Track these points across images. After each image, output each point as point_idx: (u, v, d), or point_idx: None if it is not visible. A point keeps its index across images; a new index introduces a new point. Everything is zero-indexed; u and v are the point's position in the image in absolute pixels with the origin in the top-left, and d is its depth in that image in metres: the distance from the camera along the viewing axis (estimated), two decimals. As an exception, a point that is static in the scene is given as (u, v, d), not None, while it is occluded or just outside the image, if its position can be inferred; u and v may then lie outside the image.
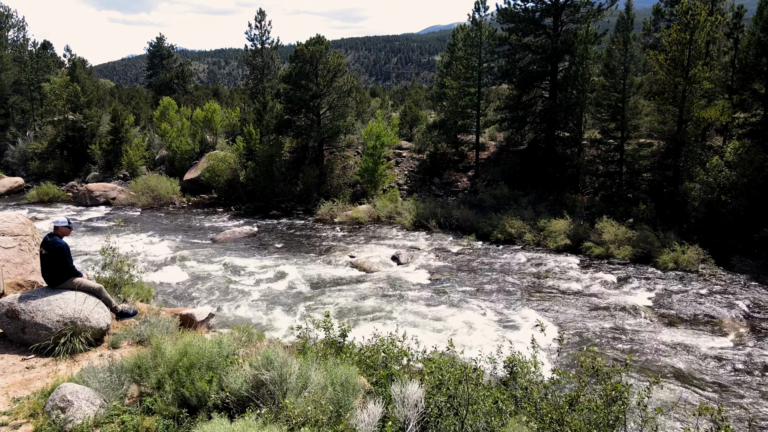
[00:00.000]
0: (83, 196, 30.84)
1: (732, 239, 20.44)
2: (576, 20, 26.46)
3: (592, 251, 20.40)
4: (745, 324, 14.50)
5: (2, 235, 7.68)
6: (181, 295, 16.20)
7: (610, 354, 12.90)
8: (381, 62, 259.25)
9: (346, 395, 3.56)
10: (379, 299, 16.08)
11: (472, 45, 28.57)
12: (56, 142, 38.03)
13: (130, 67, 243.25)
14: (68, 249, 5.76)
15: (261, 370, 3.66)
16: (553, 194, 25.56)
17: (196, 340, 4.23)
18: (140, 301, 9.03)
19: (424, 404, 3.90)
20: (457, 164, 30.86)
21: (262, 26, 41.15)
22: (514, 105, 28.42)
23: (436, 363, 4.33)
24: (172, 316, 9.08)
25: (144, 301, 9.23)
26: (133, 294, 9.12)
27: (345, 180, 30.43)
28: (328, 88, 30.13)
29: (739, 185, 20.13)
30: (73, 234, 21.77)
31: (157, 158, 36.44)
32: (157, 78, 58.56)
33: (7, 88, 42.29)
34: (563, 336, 13.76)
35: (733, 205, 20.26)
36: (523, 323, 14.55)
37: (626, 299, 16.40)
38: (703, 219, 21.07)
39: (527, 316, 15.06)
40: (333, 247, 22.27)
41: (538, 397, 5.08)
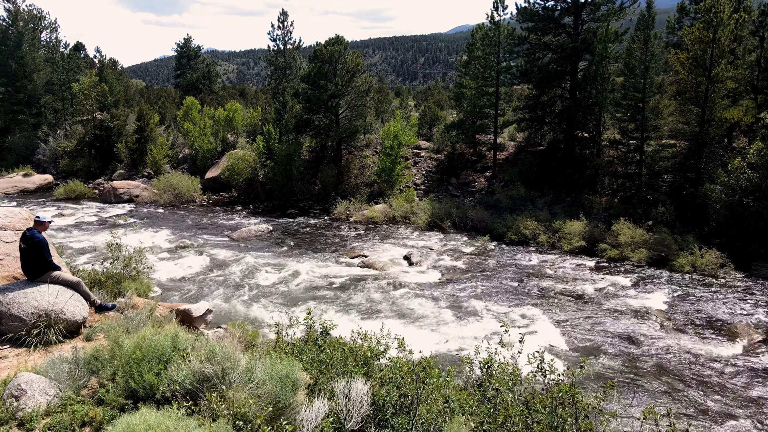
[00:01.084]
0: (108, 194, 31.63)
1: (754, 243, 19.83)
2: (597, 19, 26.01)
3: (607, 253, 20.05)
4: (761, 331, 14.07)
5: (4, 229, 7.94)
6: (187, 291, 16.49)
7: (616, 358, 12.68)
8: (408, 62, 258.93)
9: (284, 390, 3.60)
10: (384, 298, 16.11)
11: (491, 44, 28.34)
12: (85, 140, 39.07)
13: (162, 68, 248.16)
14: (46, 243, 5.96)
15: (205, 364, 3.74)
16: (571, 195, 25.19)
17: (149, 333, 4.34)
18: (138, 296, 9.23)
19: (370, 401, 3.93)
20: (475, 164, 30.67)
21: (284, 26, 41.56)
22: (533, 105, 28.10)
23: (395, 362, 4.34)
24: (170, 311, 9.27)
25: (142, 296, 9.44)
26: (132, 289, 9.34)
27: (363, 179, 30.52)
28: (346, 87, 30.26)
29: (762, 187, 19.52)
30: (91, 229, 22.41)
31: (180, 157, 37.13)
32: (184, 78, 59.68)
33: (40, 88, 43.60)
34: (569, 336, 13.65)
35: (755, 208, 19.66)
36: (528, 325, 14.40)
37: (638, 302, 16.09)
38: (724, 222, 20.49)
39: (533, 318, 14.90)
40: (346, 246, 22.38)
41: (509, 398, 5.04)
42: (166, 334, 4.47)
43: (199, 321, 9.70)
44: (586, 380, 11.63)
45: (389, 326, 13.93)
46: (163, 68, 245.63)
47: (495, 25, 28.33)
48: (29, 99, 43.22)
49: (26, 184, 34.98)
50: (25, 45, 43.06)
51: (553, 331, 14.15)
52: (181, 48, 60.50)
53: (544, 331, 14.14)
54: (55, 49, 46.32)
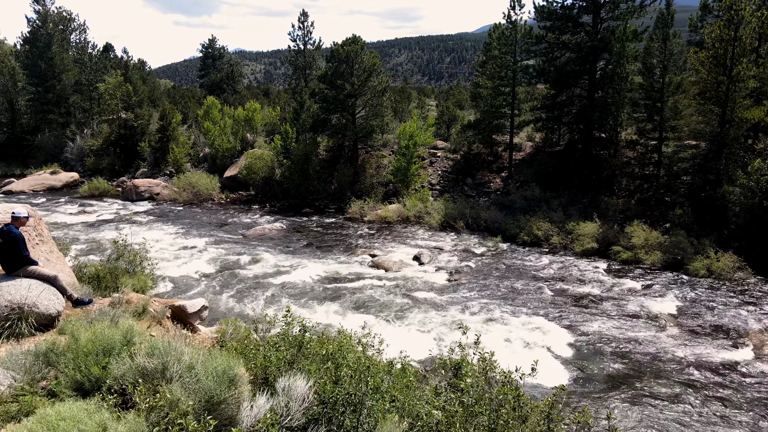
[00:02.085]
0: (130, 191, 32.34)
1: (775, 247, 19.25)
2: (616, 17, 25.55)
3: (619, 256, 19.71)
4: (774, 337, 13.67)
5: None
6: (193, 287, 16.75)
7: (622, 361, 12.47)
8: (434, 62, 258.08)
9: (219, 386, 3.66)
10: (389, 298, 16.13)
11: (507, 44, 28.08)
12: (110, 139, 40.03)
13: (190, 68, 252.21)
14: (23, 239, 6.16)
15: (146, 359, 3.83)
16: (588, 197, 24.81)
17: (100, 327, 4.46)
18: (134, 292, 9.43)
19: (312, 399, 3.96)
20: (491, 165, 30.45)
21: (304, 27, 42.02)
22: (550, 105, 27.76)
23: (347, 360, 4.37)
24: (164, 307, 9.45)
25: (139, 292, 9.63)
26: (129, 285, 9.55)
27: (378, 179, 30.58)
28: (363, 87, 30.35)
29: (784, 190, 18.95)
30: (108, 226, 22.92)
31: (201, 156, 37.73)
32: (208, 78, 60.61)
33: (68, 88, 44.83)
34: (574, 340, 13.47)
35: (776, 210, 19.09)
36: (533, 327, 14.26)
37: (649, 306, 15.79)
38: (743, 225, 19.94)
39: (539, 319, 14.74)
40: (357, 245, 22.46)
41: (473, 399, 5.02)
42: (120, 328, 4.59)
43: (194, 317, 9.85)
44: (590, 384, 11.47)
45: (391, 326, 14.01)
46: (192, 68, 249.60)
47: (512, 25, 28.07)
48: (58, 99, 44.47)
49: (53, 181, 35.99)
50: (55, 46, 44.32)
51: (558, 333, 13.99)
52: (206, 49, 61.46)
53: (549, 332, 13.99)
54: (83, 50, 47.53)
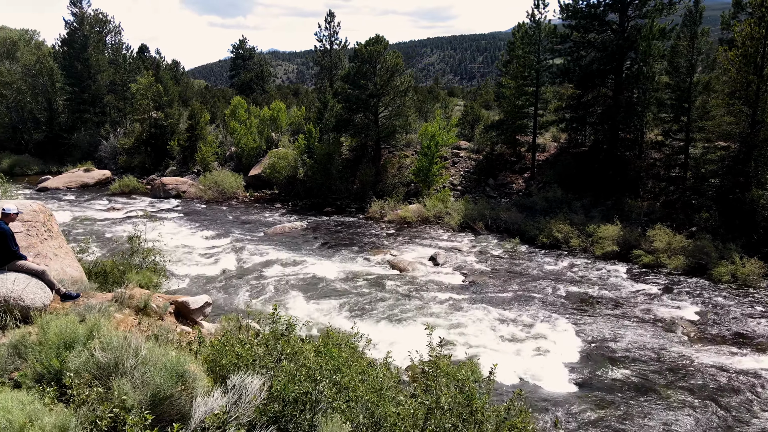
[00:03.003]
0: (158, 189, 33.12)
1: (807, 254, 18.52)
2: (643, 15, 24.94)
3: (641, 260, 19.24)
4: (797, 347, 13.16)
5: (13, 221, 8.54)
6: (207, 284, 17.05)
7: (635, 367, 12.18)
8: (466, 61, 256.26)
9: (166, 382, 3.73)
10: (399, 298, 16.13)
11: (530, 43, 27.71)
12: (141, 138, 41.09)
13: (224, 68, 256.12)
14: (11, 234, 6.41)
15: (100, 353, 3.93)
16: (612, 199, 24.30)
17: (65, 321, 4.60)
18: (139, 287, 9.67)
19: (265, 397, 4.00)
20: (514, 165, 30.10)
21: (331, 27, 42.31)
22: (575, 105, 27.27)
23: (310, 360, 4.41)
24: (166, 302, 9.66)
25: (144, 287, 9.87)
26: (134, 280, 9.79)
27: (400, 179, 30.57)
28: (385, 87, 30.38)
29: (816, 194, 18.21)
30: (133, 222, 23.38)
31: (227, 155, 38.38)
32: (238, 78, 61.59)
33: (103, 89, 46.15)
34: (587, 346, 13.22)
35: (808, 215, 18.36)
36: (545, 330, 14.05)
37: (668, 312, 15.40)
38: (773, 230, 19.25)
39: (552, 322, 14.53)
40: (375, 245, 22.51)
41: (445, 400, 4.99)
42: (87, 322, 4.73)
43: (197, 313, 10.04)
44: (598, 389, 11.26)
45: (397, 326, 14.01)
46: (226, 69, 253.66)
47: (535, 24, 27.69)
48: (93, 98, 45.82)
49: (86, 178, 37.12)
50: (91, 47, 45.70)
51: (569, 337, 13.77)
52: (236, 49, 62.49)
53: (560, 336, 13.77)
54: (118, 51, 48.88)
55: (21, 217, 8.87)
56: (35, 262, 6.58)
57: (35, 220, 9.03)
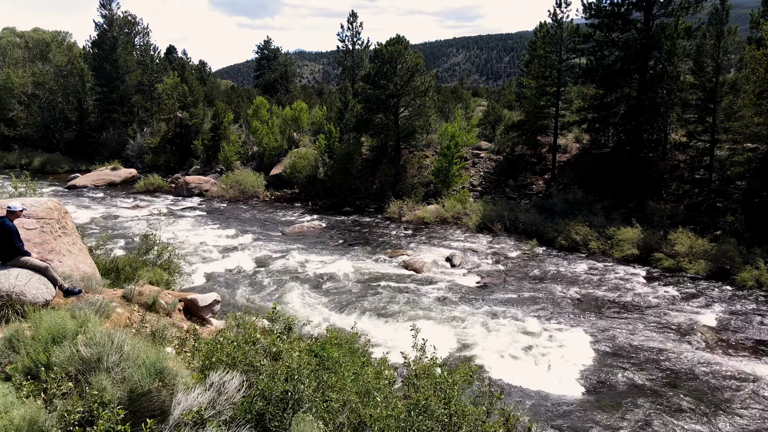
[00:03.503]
0: (181, 188, 33.71)
1: (835, 259, 17.89)
2: (669, 13, 24.41)
3: (661, 263, 18.85)
4: (820, 356, 12.73)
5: (27, 217, 8.80)
6: (222, 281, 17.28)
7: (648, 373, 11.95)
8: (493, 61, 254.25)
9: (143, 378, 3.80)
10: (411, 299, 16.10)
11: (552, 42, 27.37)
12: (166, 137, 41.85)
13: (252, 69, 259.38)
14: (16, 231, 6.60)
15: (84, 348, 4.03)
16: (634, 201, 23.86)
17: (54, 316, 4.73)
18: (150, 284, 9.86)
19: (244, 395, 4.05)
20: (535, 166, 29.76)
21: (353, 27, 42.44)
22: (598, 105, 26.83)
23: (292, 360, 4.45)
24: (175, 299, 9.83)
25: (155, 284, 10.06)
26: (144, 277, 9.99)
27: (420, 179, 30.52)
28: (405, 87, 30.35)
29: None
30: (154, 219, 23.83)
31: (250, 154, 38.83)
32: (263, 78, 62.25)
33: (131, 89, 47.14)
34: (600, 351, 13.00)
35: (837, 220, 17.74)
36: (558, 333, 13.87)
37: (686, 317, 15.05)
38: (801, 235, 18.65)
39: (565, 326, 14.34)
40: (392, 245, 22.52)
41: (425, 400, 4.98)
42: (77, 318, 4.85)
43: (205, 310, 10.19)
44: (609, 395, 11.07)
45: (406, 327, 13.96)
46: (252, 69, 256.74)
47: (557, 23, 27.34)
48: (121, 99, 46.84)
49: (113, 177, 37.97)
50: (119, 48, 46.72)
51: (582, 341, 13.57)
52: (261, 50, 63.17)
53: (573, 340, 13.58)
54: (146, 51, 49.86)
55: (36, 214, 9.13)
56: (39, 258, 6.78)
57: (50, 218, 9.27)
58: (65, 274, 8.15)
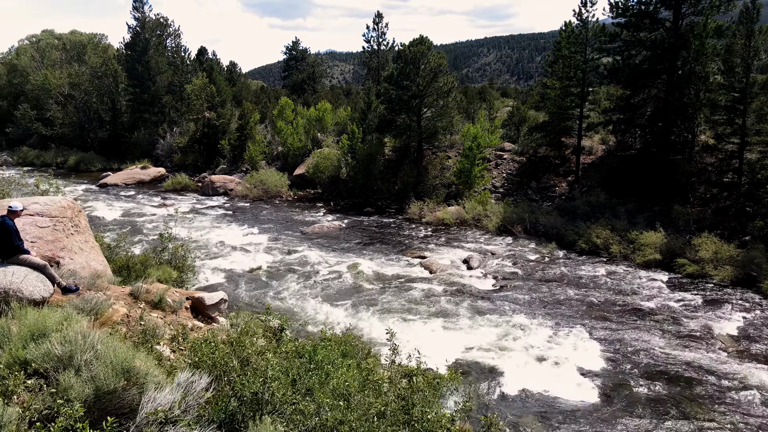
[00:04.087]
0: (207, 187, 34.33)
1: None
2: (698, 12, 23.73)
3: (684, 269, 18.34)
4: None
5: (41, 216, 9.12)
6: (235, 280, 17.51)
7: (663, 382, 11.65)
8: (524, 61, 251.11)
9: (109, 377, 3.89)
10: (425, 301, 16.05)
11: (577, 42, 26.90)
12: (195, 137, 42.70)
13: (282, 69, 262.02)
14: (16, 230, 6.82)
15: (57, 346, 4.15)
16: (659, 205, 23.28)
17: (32, 314, 4.88)
18: (158, 282, 10.07)
19: (211, 395, 4.11)
20: (558, 168, 29.31)
21: (378, 28, 42.53)
22: (624, 106, 26.27)
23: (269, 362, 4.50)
24: (183, 297, 10.01)
25: (163, 282, 10.27)
26: (155, 275, 10.21)
27: (442, 180, 30.40)
28: (428, 88, 30.26)
29: None
30: (176, 217, 24.32)
31: (275, 154, 39.29)
32: (290, 79, 62.90)
33: (162, 90, 48.22)
34: (615, 357, 12.73)
35: None
36: (570, 338, 13.65)
37: (707, 325, 14.62)
38: (834, 241, 17.92)
39: (579, 331, 14.09)
40: (410, 246, 22.49)
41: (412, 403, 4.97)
42: (61, 316, 4.99)
43: (212, 309, 10.34)
44: (620, 403, 10.84)
45: (416, 328, 13.94)
46: (282, 69, 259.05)
47: (582, 22, 26.86)
48: (152, 99, 47.97)
49: (142, 175, 38.93)
50: (151, 50, 47.83)
51: (596, 347, 13.31)
52: (289, 50, 63.83)
53: (587, 346, 13.35)
54: (176, 53, 50.93)
55: (49, 212, 9.44)
56: (38, 257, 7.01)
57: (63, 216, 9.56)
58: (72, 271, 8.40)
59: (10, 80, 59.09)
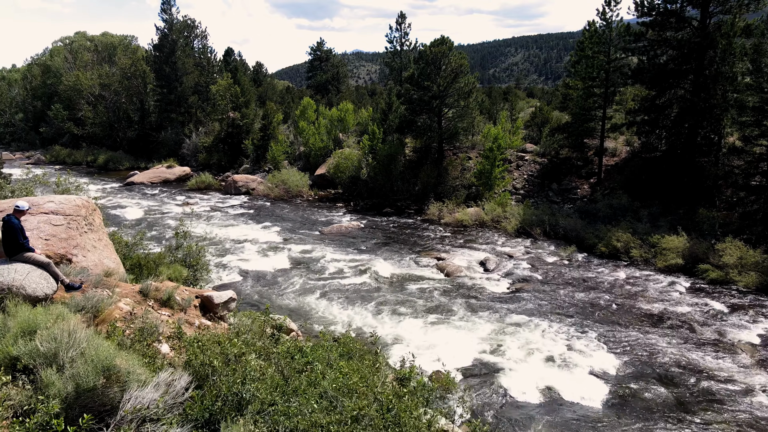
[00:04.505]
0: (229, 186, 34.79)
1: None
2: (726, 10, 23.09)
3: (707, 275, 17.87)
4: None
5: (55, 214, 9.36)
6: (246, 279, 17.68)
7: (679, 390, 11.37)
8: (552, 61, 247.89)
9: (89, 375, 3.97)
10: (440, 302, 15.98)
11: (600, 42, 26.42)
12: (219, 137, 43.30)
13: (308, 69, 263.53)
14: (21, 228, 7.01)
15: (43, 343, 4.26)
16: (683, 208, 22.74)
17: (24, 311, 5.00)
18: (169, 280, 10.25)
19: (195, 394, 4.15)
20: (580, 170, 28.85)
21: (401, 29, 42.48)
22: (648, 107, 25.70)
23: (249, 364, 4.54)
24: (192, 296, 10.16)
25: (173, 280, 10.44)
26: (165, 274, 10.38)
27: (462, 181, 30.23)
28: (448, 89, 30.12)
29: None
30: (202, 217, 24.77)
31: (297, 154, 39.59)
32: (314, 80, 63.30)
33: (188, 90, 49.01)
34: (632, 364, 12.49)
35: None
36: (583, 343, 13.42)
37: (728, 332, 14.23)
38: None
39: (594, 337, 13.85)
40: (427, 247, 22.42)
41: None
42: (53, 313, 5.11)
43: (221, 308, 10.46)
44: (633, 411, 10.63)
45: (427, 330, 13.88)
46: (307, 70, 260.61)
47: (606, 22, 26.37)
48: (179, 99, 48.80)
49: (168, 174, 39.65)
50: (178, 51, 48.67)
51: (613, 353, 13.08)
52: (314, 51, 64.24)
53: (602, 351, 13.13)
54: (203, 54, 51.71)
55: (63, 211, 9.68)
56: (43, 254, 7.20)
57: (77, 215, 9.79)
58: (83, 269, 8.60)
59: (45, 81, 60.85)
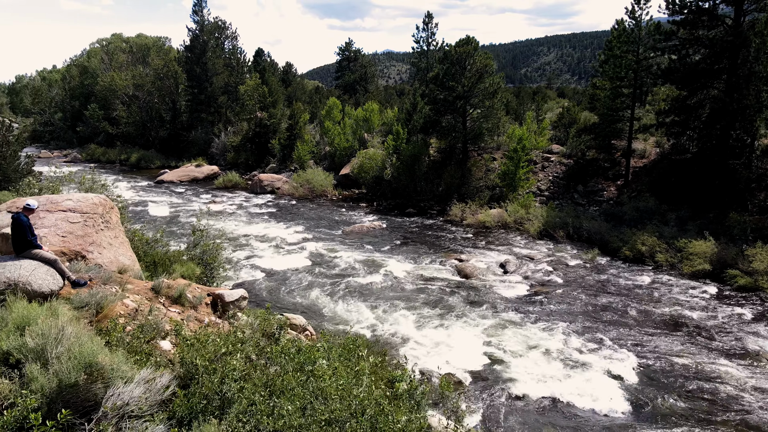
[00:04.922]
0: (255, 185, 35.25)
1: None
2: (761, 8, 22.31)
3: (735, 281, 17.29)
4: None
5: (72, 212, 9.63)
6: (265, 278, 17.84)
7: (697, 401, 11.04)
8: (585, 60, 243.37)
9: (72, 371, 4.06)
10: (456, 304, 15.87)
11: (629, 41, 25.81)
12: (247, 136, 43.92)
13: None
14: (29, 226, 7.22)
15: (31, 339, 4.37)
16: (713, 212, 22.06)
17: (19, 307, 5.14)
18: (182, 277, 10.44)
19: (173, 391, 4.21)
20: (607, 172, 28.25)
21: (428, 28, 42.34)
22: (679, 107, 25.01)
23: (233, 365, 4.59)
24: (204, 293, 10.33)
25: (186, 278, 10.63)
26: (179, 271, 10.58)
27: (486, 182, 29.96)
28: (473, 89, 29.88)
29: None
30: (227, 215, 25.15)
31: (322, 153, 39.86)
32: (343, 80, 63.63)
33: (218, 90, 49.84)
34: (652, 372, 12.17)
35: None
36: (602, 350, 13.15)
37: (754, 341, 13.76)
38: None
39: (612, 344, 13.55)
40: (448, 248, 22.30)
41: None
42: (47, 310, 5.25)
43: (232, 306, 10.62)
44: (651, 419, 10.37)
45: (437, 332, 13.80)
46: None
47: (635, 21, 25.76)
48: (209, 99, 49.67)
49: (196, 173, 40.42)
50: (209, 52, 49.54)
51: (632, 360, 12.76)
52: (342, 51, 64.58)
53: (622, 358, 12.81)
54: (233, 54, 52.51)
55: (80, 209, 9.95)
56: (50, 252, 7.42)
57: (93, 213, 10.05)
58: (98, 265, 8.82)
59: (82, 81, 62.76)
